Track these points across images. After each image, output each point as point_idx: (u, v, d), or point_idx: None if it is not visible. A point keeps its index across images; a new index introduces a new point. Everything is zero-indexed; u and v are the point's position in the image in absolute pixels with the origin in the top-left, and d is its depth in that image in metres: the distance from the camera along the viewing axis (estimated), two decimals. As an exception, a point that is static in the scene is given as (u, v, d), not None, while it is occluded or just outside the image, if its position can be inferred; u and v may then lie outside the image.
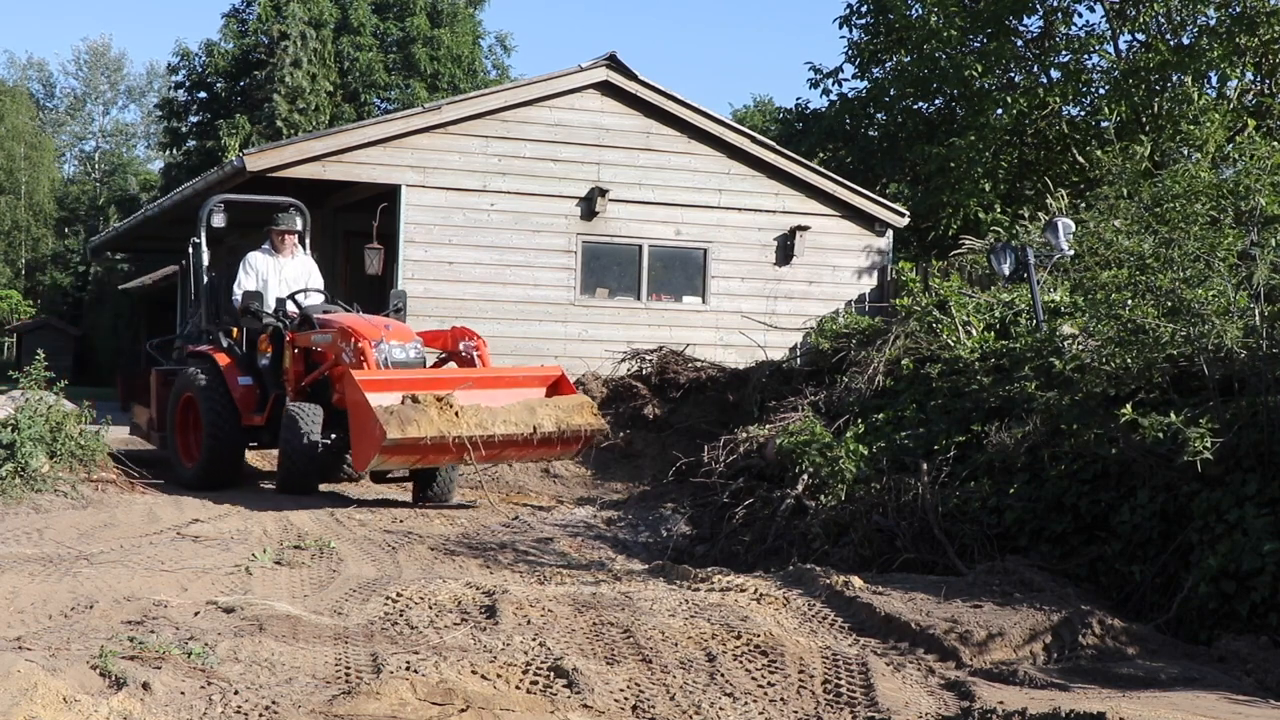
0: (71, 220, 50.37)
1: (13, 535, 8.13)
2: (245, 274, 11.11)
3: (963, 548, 8.13)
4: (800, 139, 23.41)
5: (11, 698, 4.07)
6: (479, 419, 9.35)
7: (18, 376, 10.68)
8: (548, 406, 9.81)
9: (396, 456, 9.31)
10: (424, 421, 9.09)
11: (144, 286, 31.84)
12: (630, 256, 15.99)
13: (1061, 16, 21.68)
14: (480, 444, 9.28)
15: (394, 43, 38.97)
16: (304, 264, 11.42)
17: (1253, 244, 8.00)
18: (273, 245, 11.30)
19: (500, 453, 9.73)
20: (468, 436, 9.22)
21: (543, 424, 9.62)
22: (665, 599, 6.73)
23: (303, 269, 11.36)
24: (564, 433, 9.71)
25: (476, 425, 9.29)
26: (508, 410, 9.56)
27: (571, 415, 9.86)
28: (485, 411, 9.43)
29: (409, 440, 9.03)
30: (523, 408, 9.65)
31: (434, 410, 9.19)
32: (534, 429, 9.56)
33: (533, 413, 9.67)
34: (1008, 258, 11.41)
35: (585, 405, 10.03)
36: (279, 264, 11.23)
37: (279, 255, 11.27)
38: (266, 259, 11.24)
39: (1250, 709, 5.36)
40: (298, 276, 11.27)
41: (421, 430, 9.06)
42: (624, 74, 15.59)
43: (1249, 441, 7.12)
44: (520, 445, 9.62)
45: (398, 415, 9.04)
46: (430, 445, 9.17)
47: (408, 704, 4.57)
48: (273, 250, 11.29)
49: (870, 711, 5.12)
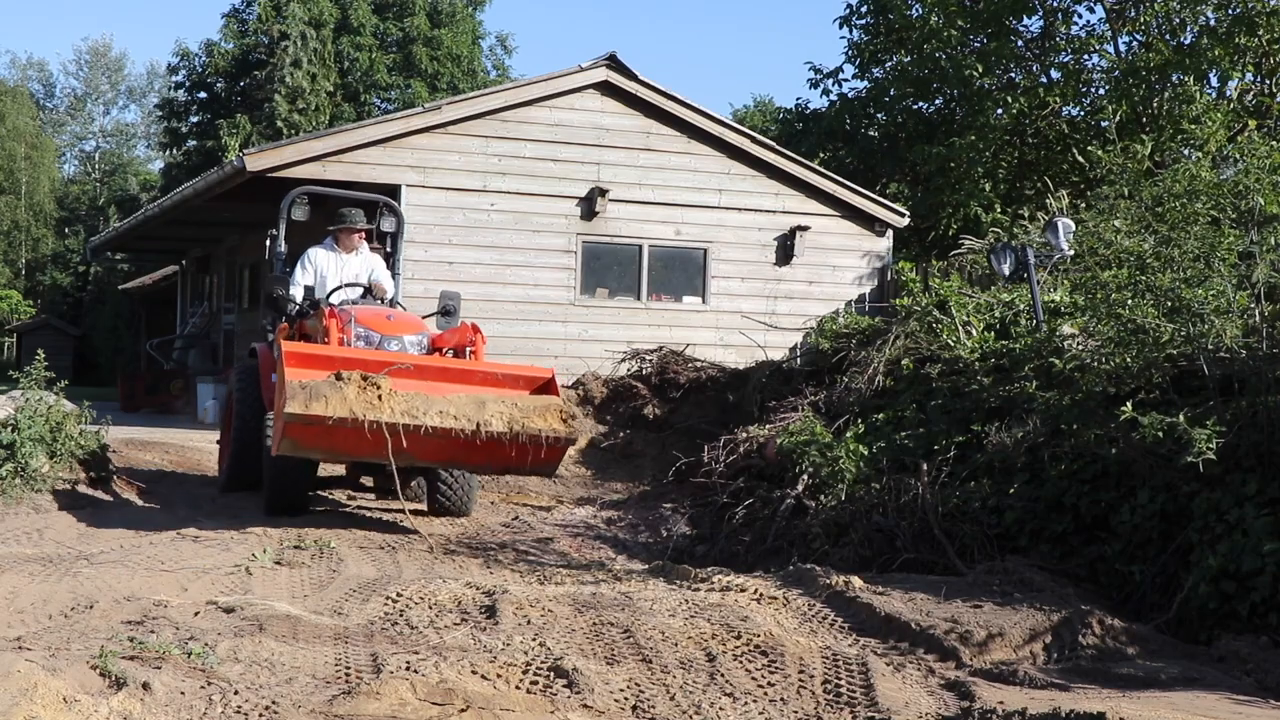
0: (71, 220, 50.35)
1: (13, 535, 8.13)
2: (302, 270, 10.23)
3: (963, 548, 8.13)
4: (800, 139, 23.41)
5: (11, 698, 4.07)
6: (410, 405, 7.94)
7: (18, 376, 10.66)
8: (502, 402, 8.20)
9: (306, 440, 8.02)
10: (335, 399, 7.78)
11: (144, 286, 31.86)
12: (630, 256, 15.99)
13: (1061, 17, 21.69)
14: (403, 434, 7.84)
15: (394, 43, 38.99)
16: (366, 261, 10.42)
17: (1253, 243, 8.00)
18: (335, 241, 10.39)
19: (437, 453, 8.27)
20: (388, 423, 7.80)
21: (490, 421, 8.01)
22: (665, 599, 6.73)
23: (364, 266, 10.36)
24: (517, 435, 8.07)
25: (404, 412, 7.89)
26: (449, 401, 8.06)
27: (530, 417, 8.17)
28: (420, 399, 8.02)
29: (312, 417, 7.74)
30: (469, 400, 8.11)
31: (353, 389, 7.87)
32: (478, 426, 7.97)
33: (480, 407, 8.09)
34: (1008, 258, 11.42)
35: (552, 408, 8.29)
36: (340, 260, 10.30)
37: (341, 251, 10.35)
38: (327, 254, 10.31)
39: (1250, 709, 5.36)
40: (359, 274, 10.31)
41: (329, 408, 7.74)
42: (624, 74, 15.59)
43: (1249, 441, 7.12)
44: (462, 446, 8.08)
45: (308, 390, 7.80)
46: (338, 428, 7.81)
47: (408, 704, 4.57)
48: (335, 246, 10.38)
49: (870, 711, 5.11)
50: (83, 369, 35.78)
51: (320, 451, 8.34)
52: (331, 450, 8.30)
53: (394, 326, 9.18)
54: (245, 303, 21.10)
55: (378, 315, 9.31)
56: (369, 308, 9.52)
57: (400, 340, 9.09)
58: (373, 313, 9.35)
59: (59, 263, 48.42)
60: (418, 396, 8.01)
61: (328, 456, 8.72)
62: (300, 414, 7.74)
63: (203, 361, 22.44)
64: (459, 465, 9.07)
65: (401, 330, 9.20)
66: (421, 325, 9.43)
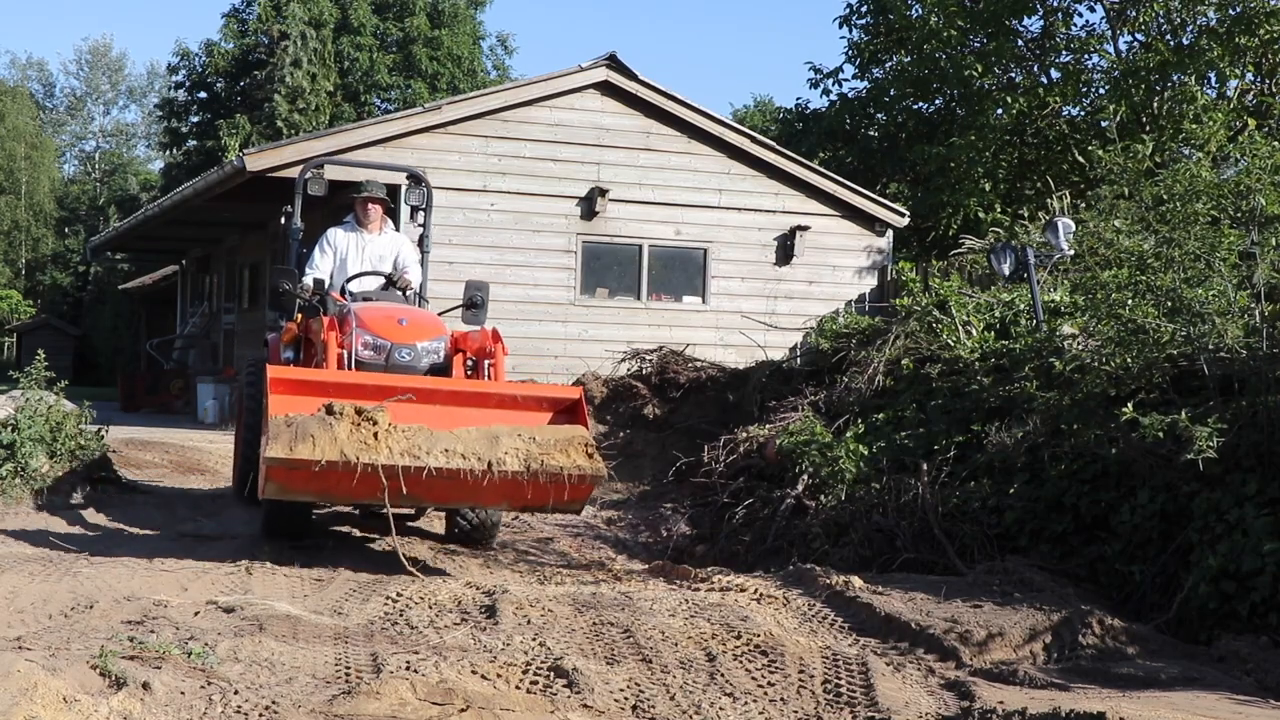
0: (71, 220, 50.36)
1: (12, 535, 8.13)
2: (320, 253, 9.04)
3: (963, 548, 8.13)
4: (800, 139, 23.42)
5: (11, 698, 4.07)
6: (411, 443, 6.92)
7: (18, 376, 10.66)
8: (518, 436, 7.14)
9: (293, 484, 6.99)
10: (324, 439, 6.75)
11: (144, 286, 31.87)
12: (630, 256, 15.99)
13: (1061, 17, 21.69)
14: (401, 477, 6.81)
15: (394, 43, 39.00)
16: (392, 241, 9.19)
17: (1253, 244, 8.00)
18: (356, 218, 9.14)
19: (444, 494, 7.29)
20: (386, 465, 6.78)
21: (505, 460, 6.98)
22: (665, 599, 6.73)
23: (389, 248, 9.14)
24: (536, 475, 7.01)
25: (403, 452, 6.88)
26: (458, 436, 7.03)
27: (552, 452, 7.10)
28: (423, 435, 6.99)
29: (298, 461, 6.71)
30: (481, 435, 7.07)
31: (346, 426, 6.85)
32: (489, 465, 6.94)
33: (494, 443, 7.04)
34: (1008, 258, 11.42)
35: (576, 441, 7.21)
36: (362, 240, 9.06)
37: (363, 230, 9.09)
38: (347, 235, 9.08)
39: (1250, 709, 5.36)
40: (384, 256, 9.09)
41: (316, 450, 6.72)
42: (624, 74, 15.60)
43: (1249, 441, 7.12)
44: (472, 487, 7.01)
45: (295, 428, 6.82)
46: (329, 472, 6.77)
47: (408, 704, 4.57)
48: (355, 224, 9.13)
49: (870, 711, 5.11)
50: (83, 369, 35.79)
51: (311, 495, 7.35)
52: (324, 494, 7.32)
53: (407, 332, 8.01)
54: (245, 303, 21.10)
55: (389, 318, 8.11)
56: (381, 307, 8.33)
57: (413, 349, 7.96)
58: (383, 315, 8.15)
59: (59, 263, 48.44)
60: (420, 433, 6.99)
61: (321, 500, 7.71)
62: (283, 459, 6.73)
63: (203, 361, 22.46)
64: (470, 506, 8.15)
65: (416, 336, 8.02)
66: (440, 328, 8.26)
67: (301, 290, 8.56)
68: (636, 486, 11.86)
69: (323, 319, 8.23)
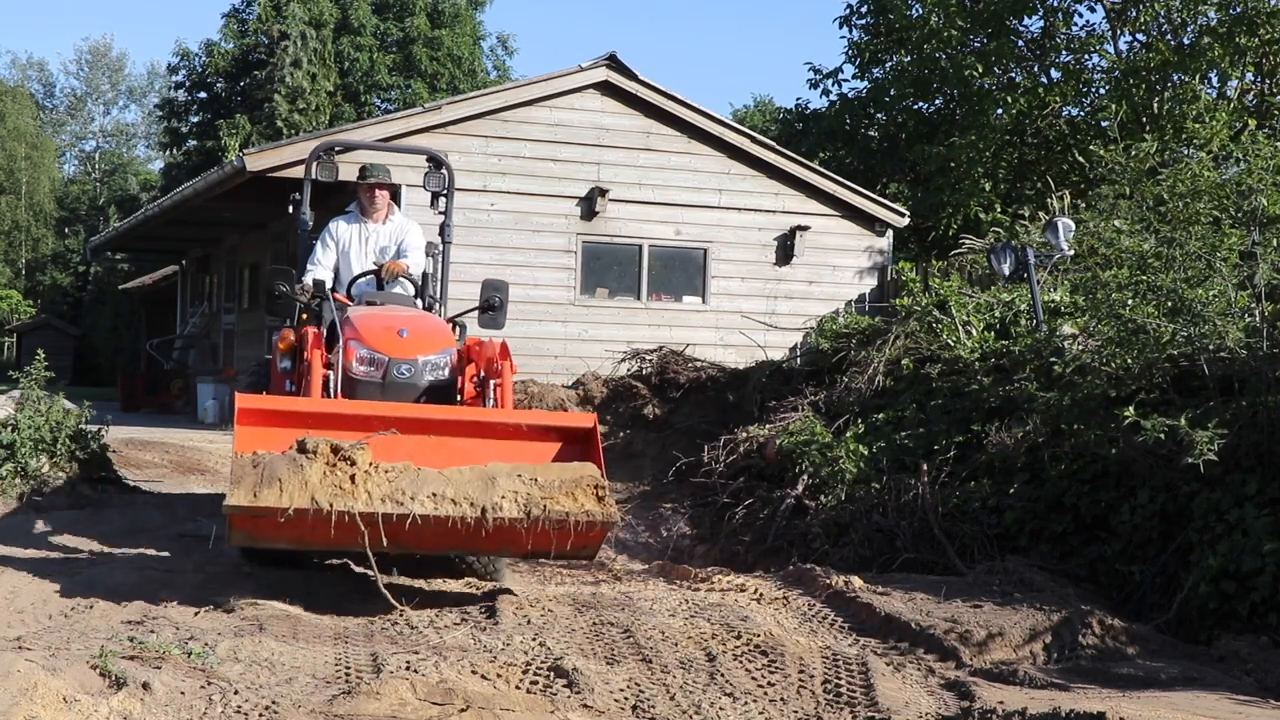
0: (71, 220, 50.37)
1: (12, 535, 8.12)
2: (324, 247, 8.21)
3: (963, 548, 8.13)
4: (800, 139, 23.42)
5: (11, 698, 4.07)
6: (394, 487, 6.05)
7: (18, 376, 10.65)
8: (518, 477, 6.23)
9: (261, 533, 6.16)
10: (293, 483, 5.92)
11: (144, 286, 31.87)
12: (630, 256, 15.99)
13: (1062, 16, 21.69)
14: (382, 525, 5.97)
15: (394, 43, 39.01)
16: (395, 229, 8.32)
17: (1254, 244, 8.00)
18: (360, 207, 8.30)
19: (435, 542, 6.38)
20: (364, 513, 5.92)
21: (501, 505, 6.10)
22: (665, 599, 6.73)
23: (393, 235, 8.29)
24: (537, 522, 6.11)
25: (385, 496, 6.02)
26: (448, 478, 6.15)
27: (556, 496, 6.21)
28: (408, 477, 6.10)
29: (263, 509, 5.87)
30: (475, 476, 6.19)
31: (319, 467, 5.99)
32: (483, 512, 6.07)
33: (489, 485, 6.16)
34: (1008, 258, 11.42)
35: (585, 482, 6.30)
36: (366, 231, 8.23)
37: (367, 220, 8.25)
38: (350, 226, 8.26)
39: (1250, 709, 5.36)
40: (387, 247, 8.24)
41: (285, 497, 5.88)
42: (624, 74, 15.59)
43: (1249, 441, 7.12)
44: (463, 535, 6.18)
45: (262, 470, 5.97)
46: (299, 521, 5.92)
47: (408, 704, 4.57)
48: (359, 214, 8.29)
49: (870, 711, 5.11)
50: (83, 369, 35.79)
51: (285, 543, 6.45)
52: (298, 543, 6.39)
53: (407, 344, 7.07)
54: (245, 303, 21.10)
55: (388, 329, 7.15)
56: (380, 315, 7.38)
57: (413, 364, 7.03)
58: (382, 325, 7.21)
59: (59, 263, 48.44)
60: (405, 474, 6.10)
61: (296, 548, 6.75)
62: (246, 507, 5.87)
63: (203, 361, 22.46)
64: (466, 554, 7.29)
65: (417, 349, 7.08)
66: (446, 338, 7.34)
67: (300, 291, 7.72)
68: (636, 486, 11.86)
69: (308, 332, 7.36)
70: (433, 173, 8.67)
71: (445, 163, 8.73)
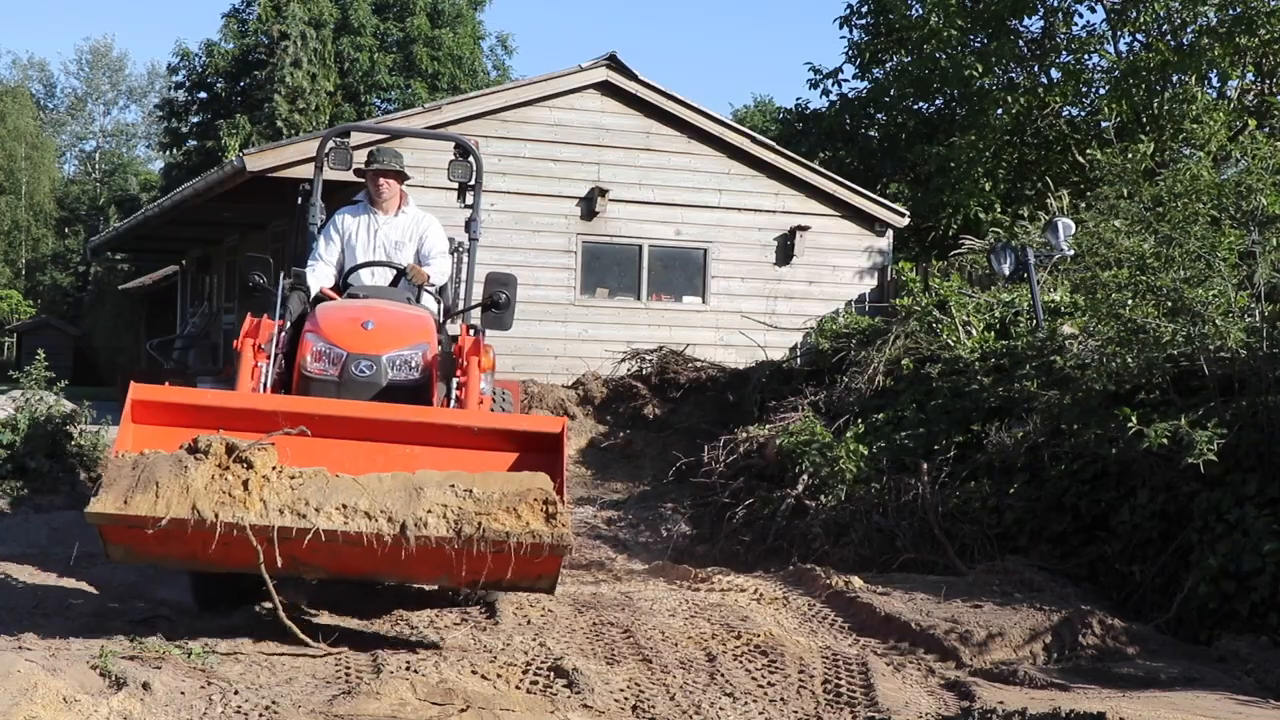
0: (71, 220, 50.37)
1: (12, 535, 8.13)
2: (326, 241, 7.28)
3: (963, 548, 8.14)
4: (800, 139, 23.41)
5: (11, 698, 4.07)
6: (297, 496, 5.11)
7: (18, 376, 10.66)
8: (451, 488, 5.23)
9: (139, 547, 5.22)
10: (172, 489, 5.00)
11: (144, 286, 31.87)
12: (630, 256, 15.98)
13: (1062, 17, 21.69)
14: (278, 542, 5.03)
15: (394, 43, 39.02)
16: (413, 224, 7.38)
17: (1254, 244, 8.00)
18: (368, 197, 7.39)
19: (351, 564, 5.34)
20: (257, 526, 5.01)
21: (426, 521, 5.11)
22: (665, 599, 6.73)
23: (408, 231, 7.34)
24: (471, 542, 5.10)
25: (285, 507, 5.07)
26: (364, 486, 5.19)
27: (494, 511, 5.17)
28: (315, 484, 5.17)
29: (132, 519, 4.97)
30: (398, 486, 5.22)
31: (207, 470, 5.09)
32: (403, 528, 5.07)
33: (414, 496, 5.19)
34: (1008, 258, 11.43)
35: (531, 496, 5.22)
36: (374, 223, 7.30)
37: (376, 211, 7.34)
38: (356, 218, 7.33)
39: (1250, 709, 5.36)
40: (400, 242, 7.30)
41: (159, 504, 4.97)
42: (624, 74, 15.59)
43: (1249, 441, 7.12)
44: (385, 557, 5.14)
45: (139, 473, 5.06)
46: (179, 533, 5.00)
47: (408, 704, 4.57)
48: (367, 204, 7.38)
49: (870, 711, 5.11)
50: (83, 369, 35.75)
51: (174, 561, 5.53)
52: (189, 561, 5.45)
53: (371, 338, 6.24)
54: (245, 303, 21.10)
55: (352, 320, 6.36)
56: (347, 306, 6.63)
57: (375, 361, 6.18)
58: (346, 316, 6.43)
59: (59, 263, 48.45)
60: (312, 481, 5.16)
61: (189, 567, 5.84)
62: (113, 515, 4.98)
63: (203, 361, 22.44)
64: (386, 580, 6.16)
65: (383, 345, 6.24)
66: (421, 333, 6.46)
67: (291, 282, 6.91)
68: (636, 486, 11.86)
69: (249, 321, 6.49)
70: (459, 162, 7.80)
71: (474, 150, 7.82)
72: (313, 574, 5.51)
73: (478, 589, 5.96)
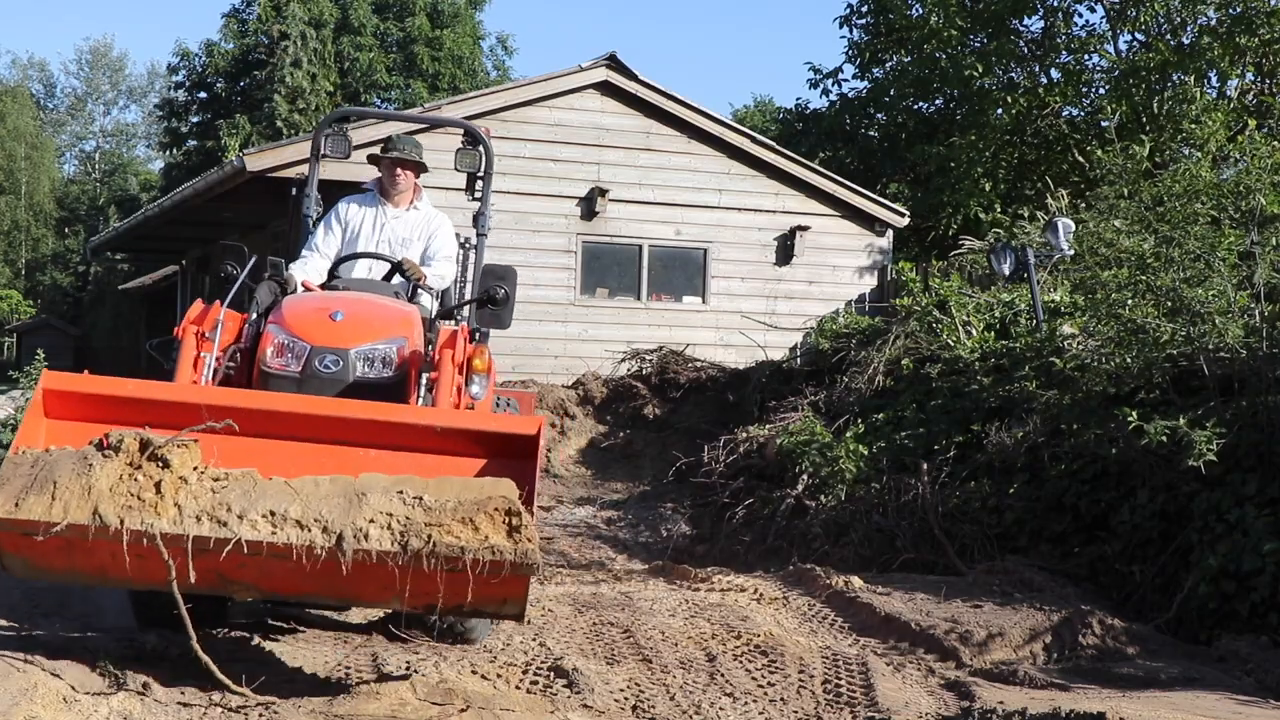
0: (71, 220, 50.40)
1: (13, 535, 8.12)
2: (326, 230, 6.66)
3: (963, 548, 8.14)
4: (800, 139, 23.42)
5: (11, 698, 4.07)
6: (218, 500, 4.39)
7: (18, 376, 10.66)
8: (398, 496, 4.48)
9: (37, 558, 4.51)
10: (71, 490, 4.32)
11: (144, 286, 31.87)
12: (630, 256, 15.98)
13: (1062, 17, 21.69)
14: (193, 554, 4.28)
15: (394, 43, 39.03)
16: (424, 221, 6.82)
17: (1253, 244, 8.01)
18: (380, 187, 6.81)
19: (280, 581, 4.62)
20: (169, 534, 4.29)
21: (367, 532, 4.38)
22: (665, 599, 6.73)
23: (418, 228, 6.76)
24: (420, 558, 4.34)
25: (203, 513, 4.35)
26: (296, 490, 4.46)
27: (447, 522, 4.41)
28: (240, 487, 4.43)
29: (24, 523, 4.27)
30: (337, 491, 4.49)
31: (114, 470, 4.38)
32: (339, 540, 4.34)
33: (355, 504, 4.45)
34: (1008, 258, 11.43)
35: (492, 505, 4.43)
36: (383, 216, 6.70)
37: (386, 203, 6.75)
38: (363, 209, 6.73)
39: (1250, 709, 5.36)
40: (408, 239, 6.68)
41: (55, 507, 4.29)
42: (624, 74, 15.59)
43: (1249, 441, 7.12)
44: (311, 574, 4.37)
45: (35, 471, 4.38)
46: (80, 542, 4.33)
47: (408, 704, 4.57)
48: (378, 195, 6.80)
49: (870, 711, 5.11)
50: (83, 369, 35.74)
51: (80, 576, 4.73)
52: (98, 575, 4.64)
53: (339, 331, 5.53)
54: (245, 303, 21.07)
55: (319, 310, 5.67)
56: (316, 297, 5.96)
57: (342, 355, 5.44)
58: (314, 307, 5.73)
59: (59, 263, 48.48)
60: (238, 484, 4.44)
61: (99, 583, 5.02)
62: (1, 519, 4.31)
63: (203, 361, 22.42)
64: (322, 602, 5.56)
65: (352, 338, 5.51)
66: (399, 326, 5.69)
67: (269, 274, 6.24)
68: (636, 486, 11.86)
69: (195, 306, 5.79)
70: (467, 150, 7.30)
71: (484, 138, 7.29)
72: (242, 593, 4.78)
73: (436, 615, 5.26)
